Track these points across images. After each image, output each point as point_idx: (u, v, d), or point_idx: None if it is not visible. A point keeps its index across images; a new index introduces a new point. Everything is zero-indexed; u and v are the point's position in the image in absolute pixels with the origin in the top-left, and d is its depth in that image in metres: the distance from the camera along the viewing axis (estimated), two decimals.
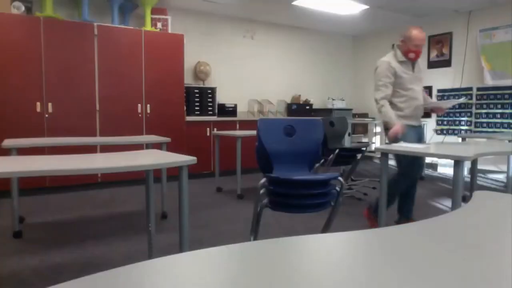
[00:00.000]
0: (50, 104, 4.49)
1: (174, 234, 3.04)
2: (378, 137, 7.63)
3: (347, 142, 6.63)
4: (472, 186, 4.15)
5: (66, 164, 1.79)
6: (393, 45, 3.35)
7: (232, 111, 6.08)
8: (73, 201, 4.17)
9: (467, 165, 5.00)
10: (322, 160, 3.99)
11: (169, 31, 5.49)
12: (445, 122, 6.42)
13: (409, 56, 3.13)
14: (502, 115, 5.69)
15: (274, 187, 2.19)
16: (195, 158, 1.99)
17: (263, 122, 2.65)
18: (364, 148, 4.44)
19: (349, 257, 0.69)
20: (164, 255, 0.66)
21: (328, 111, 6.96)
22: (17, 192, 2.99)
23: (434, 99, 6.57)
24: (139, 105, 5.07)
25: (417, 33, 3.06)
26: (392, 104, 3.12)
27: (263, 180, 2.21)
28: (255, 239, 2.44)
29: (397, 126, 2.97)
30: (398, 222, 3.28)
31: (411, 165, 3.07)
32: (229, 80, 6.50)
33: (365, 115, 7.49)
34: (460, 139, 4.96)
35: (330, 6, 5.77)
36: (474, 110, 6.05)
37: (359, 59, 8.05)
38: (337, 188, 2.26)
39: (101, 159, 2.11)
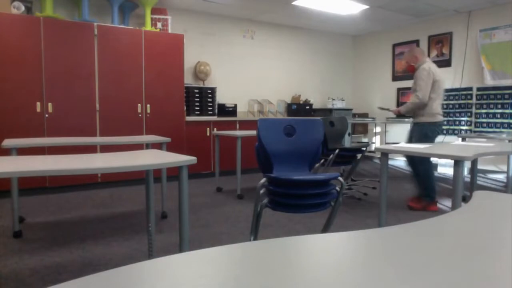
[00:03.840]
0: (50, 104, 4.49)
1: (174, 234, 3.05)
2: (378, 137, 7.64)
3: (347, 142, 6.63)
4: (472, 186, 4.15)
5: (66, 164, 1.79)
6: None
7: (232, 111, 6.08)
8: (73, 201, 4.17)
9: (467, 165, 5.01)
10: (322, 160, 3.99)
11: (169, 31, 5.49)
12: (445, 122, 6.42)
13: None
14: (502, 115, 5.69)
15: (274, 187, 2.19)
16: (195, 158, 1.99)
17: (263, 122, 2.65)
18: (364, 148, 4.44)
19: (349, 257, 0.69)
20: (164, 255, 0.66)
21: (328, 111, 6.96)
22: (17, 192, 2.99)
23: None
24: (139, 105, 5.07)
25: None
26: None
27: (263, 180, 2.21)
28: (255, 239, 2.44)
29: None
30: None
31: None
32: (229, 80, 6.50)
33: (365, 115, 7.49)
34: (460, 139, 4.96)
35: (330, 6, 5.77)
36: (474, 110, 6.05)
37: (359, 59, 8.05)
38: (337, 188, 2.26)
39: (101, 159, 2.11)
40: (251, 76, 6.78)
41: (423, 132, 3.80)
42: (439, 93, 3.75)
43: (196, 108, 5.71)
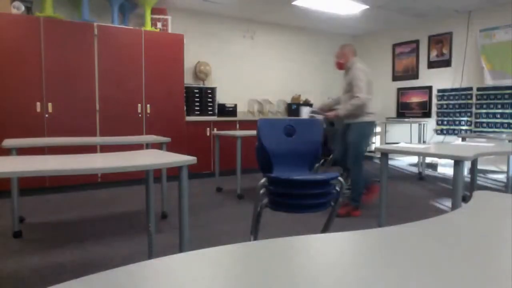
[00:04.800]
0: (50, 104, 4.48)
1: (174, 234, 3.04)
2: (378, 137, 7.63)
3: None
4: (472, 186, 4.15)
5: (66, 164, 1.79)
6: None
7: (232, 111, 6.08)
8: (73, 201, 4.17)
9: (467, 165, 5.00)
10: (322, 160, 3.99)
11: (169, 31, 5.49)
12: (445, 122, 6.42)
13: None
14: (502, 115, 5.69)
15: (274, 187, 2.19)
16: (195, 158, 1.99)
17: (263, 122, 2.65)
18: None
19: (349, 257, 0.69)
20: (164, 255, 0.66)
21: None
22: (17, 192, 2.98)
23: (434, 99, 6.61)
24: (139, 105, 5.07)
25: None
26: None
27: (263, 180, 2.21)
28: (255, 239, 2.44)
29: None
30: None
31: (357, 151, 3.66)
32: (229, 80, 6.50)
33: None
34: (460, 139, 4.95)
35: (330, 6, 5.77)
36: (474, 110, 6.05)
37: (359, 59, 8.04)
38: (337, 188, 2.26)
39: (101, 159, 2.11)
40: (251, 76, 6.78)
41: (363, 132, 3.70)
42: (371, 93, 3.68)
43: (196, 108, 5.70)
